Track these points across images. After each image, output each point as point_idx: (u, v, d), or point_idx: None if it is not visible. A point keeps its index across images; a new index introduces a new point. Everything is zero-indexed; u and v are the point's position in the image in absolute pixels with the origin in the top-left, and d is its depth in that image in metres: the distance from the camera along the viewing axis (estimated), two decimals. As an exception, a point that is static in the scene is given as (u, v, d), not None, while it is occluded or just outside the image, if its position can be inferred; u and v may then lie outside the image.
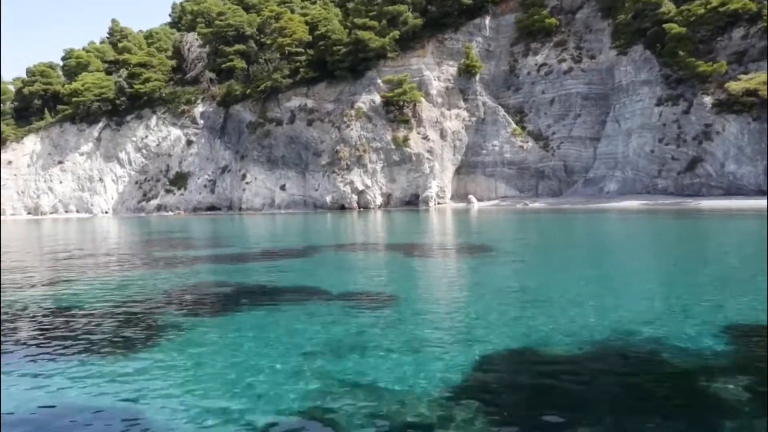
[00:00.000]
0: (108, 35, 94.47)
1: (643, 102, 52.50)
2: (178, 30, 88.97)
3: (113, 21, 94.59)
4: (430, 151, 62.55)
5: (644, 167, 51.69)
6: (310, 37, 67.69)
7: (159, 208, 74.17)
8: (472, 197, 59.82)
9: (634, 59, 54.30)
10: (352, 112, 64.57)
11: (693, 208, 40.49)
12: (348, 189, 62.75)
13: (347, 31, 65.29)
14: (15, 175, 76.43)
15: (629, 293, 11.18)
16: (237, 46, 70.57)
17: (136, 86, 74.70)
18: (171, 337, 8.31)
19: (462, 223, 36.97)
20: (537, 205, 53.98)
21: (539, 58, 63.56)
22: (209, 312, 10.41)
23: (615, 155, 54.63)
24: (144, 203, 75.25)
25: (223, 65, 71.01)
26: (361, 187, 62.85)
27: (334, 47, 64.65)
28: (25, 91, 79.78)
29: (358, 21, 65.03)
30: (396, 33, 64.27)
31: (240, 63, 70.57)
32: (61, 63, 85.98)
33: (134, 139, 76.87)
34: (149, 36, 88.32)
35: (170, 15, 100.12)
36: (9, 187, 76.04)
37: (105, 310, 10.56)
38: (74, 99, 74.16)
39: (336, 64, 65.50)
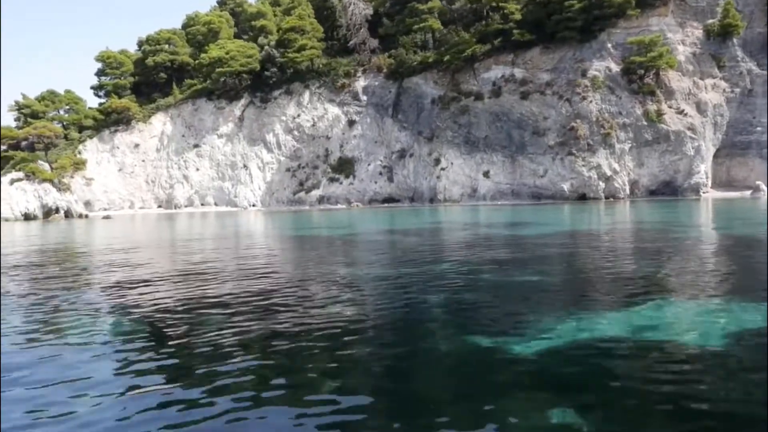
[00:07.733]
0: (219, 2, 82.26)
1: None
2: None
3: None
4: (692, 129, 51.14)
5: None
6: (527, -8, 56.05)
7: (321, 199, 62.05)
8: (761, 184, 48.36)
9: None
10: (587, 82, 53.00)
11: None
12: (594, 174, 51.17)
13: (580, -18, 53.63)
14: (143, 161, 63.87)
15: None
16: (431, 3, 58.50)
17: (290, 55, 62.46)
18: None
19: None
20: None
21: (818, 16, 52.48)
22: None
23: None
24: (302, 194, 63.01)
25: (414, 26, 58.75)
26: (608, 173, 51.31)
27: (565, 2, 53.02)
28: (149, 62, 67.05)
29: (594, -30, 53.43)
30: (642, -15, 52.86)
31: (436, 24, 58.56)
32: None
33: (284, 118, 64.65)
34: (276, 2, 75.91)
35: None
36: (137, 175, 63.52)
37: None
38: (218, 70, 61.78)
39: (562, 24, 53.89)
